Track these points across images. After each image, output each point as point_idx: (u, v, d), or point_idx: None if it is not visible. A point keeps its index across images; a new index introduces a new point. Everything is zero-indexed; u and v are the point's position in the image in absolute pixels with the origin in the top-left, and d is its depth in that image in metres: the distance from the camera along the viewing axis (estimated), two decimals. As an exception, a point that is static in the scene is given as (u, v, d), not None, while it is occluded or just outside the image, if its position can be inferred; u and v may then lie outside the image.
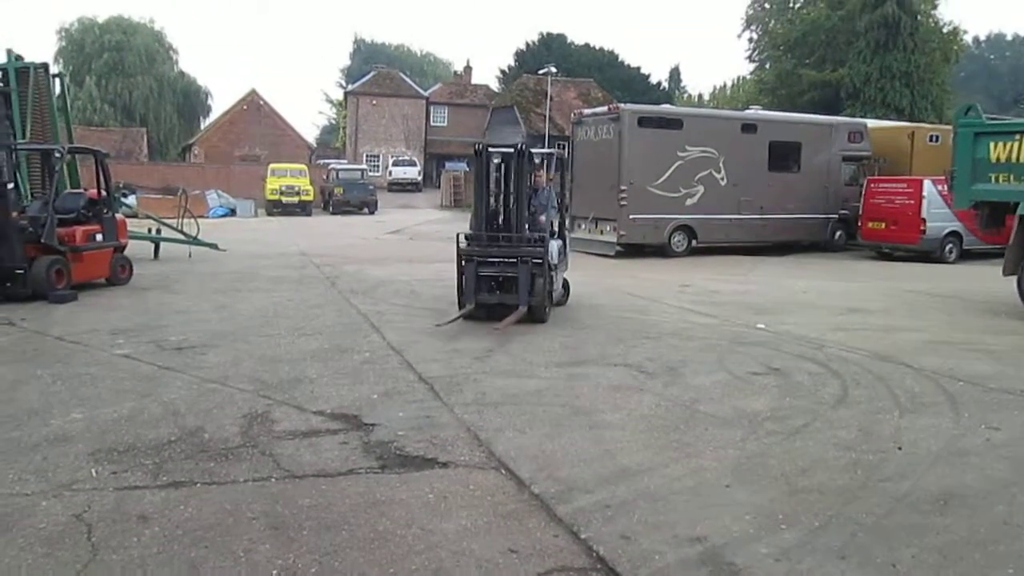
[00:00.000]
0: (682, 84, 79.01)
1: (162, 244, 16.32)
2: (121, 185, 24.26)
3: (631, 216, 17.99)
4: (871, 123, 23.38)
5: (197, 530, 3.89)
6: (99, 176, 12.51)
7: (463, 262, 9.53)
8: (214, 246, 16.89)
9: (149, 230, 16.43)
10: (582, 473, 4.72)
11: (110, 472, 4.62)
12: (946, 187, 13.67)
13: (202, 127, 61.94)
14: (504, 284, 9.58)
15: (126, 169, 37.21)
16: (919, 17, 44.78)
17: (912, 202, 18.36)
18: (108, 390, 6.40)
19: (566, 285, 11.09)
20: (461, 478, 4.66)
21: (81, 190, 13.84)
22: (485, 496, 4.39)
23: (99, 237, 12.07)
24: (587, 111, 21.14)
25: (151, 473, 4.62)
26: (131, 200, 25.21)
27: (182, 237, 16.63)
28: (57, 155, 12.39)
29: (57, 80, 16.47)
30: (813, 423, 5.80)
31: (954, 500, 4.42)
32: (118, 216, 13.03)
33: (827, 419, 5.90)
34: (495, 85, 60.45)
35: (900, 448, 5.27)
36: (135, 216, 19.02)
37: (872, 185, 19.43)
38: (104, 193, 12.52)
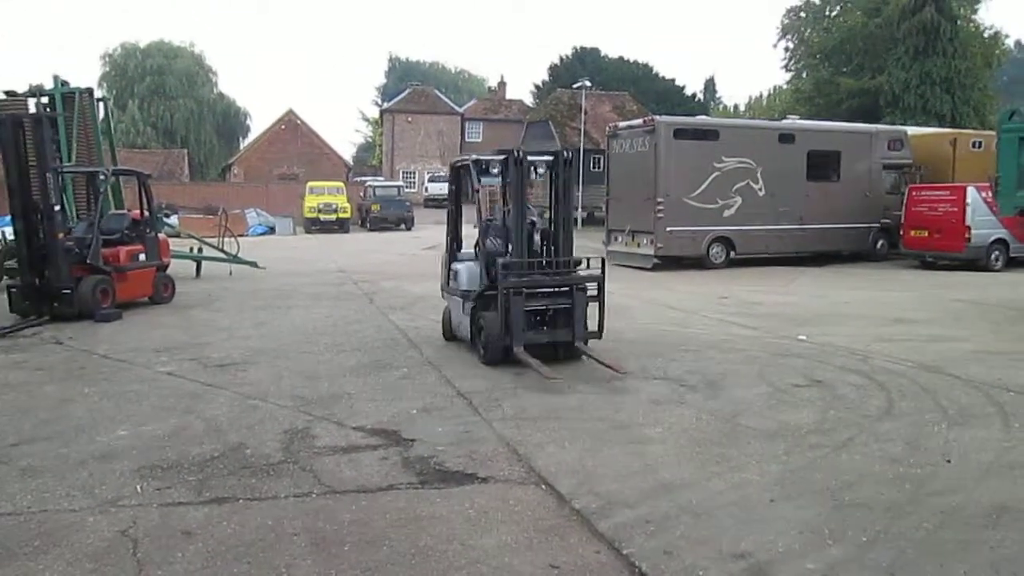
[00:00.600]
0: (717, 95, 78.56)
1: (203, 263, 16.57)
2: (163, 205, 24.66)
3: (668, 228, 17.89)
4: (912, 130, 23.03)
5: (240, 546, 3.91)
6: (142, 197, 12.76)
7: (508, 296, 7.78)
8: (254, 264, 17.11)
9: (191, 249, 16.71)
10: (623, 488, 4.68)
11: (155, 488, 4.67)
12: (991, 193, 13.42)
13: (241, 147, 62.94)
14: (555, 318, 8.13)
15: (168, 189, 37.89)
16: (959, 22, 44.06)
17: (956, 209, 18.03)
18: (152, 407, 6.50)
19: None
20: (501, 493, 4.64)
21: (125, 211, 14.14)
22: (525, 511, 4.37)
23: (142, 257, 12.30)
24: (622, 124, 21.10)
25: (195, 489, 4.66)
26: (173, 220, 25.62)
27: (222, 256, 16.87)
28: (102, 177, 12.68)
29: (101, 104, 16.83)
30: (858, 436, 5.69)
31: (1007, 514, 4.29)
32: (160, 236, 13.26)
33: (873, 432, 5.78)
34: (529, 100, 60.64)
35: (949, 461, 5.15)
36: (177, 236, 19.34)
37: (914, 193, 19.11)
38: (147, 214, 12.76)
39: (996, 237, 17.95)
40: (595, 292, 8.20)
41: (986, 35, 48.08)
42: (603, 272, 8.20)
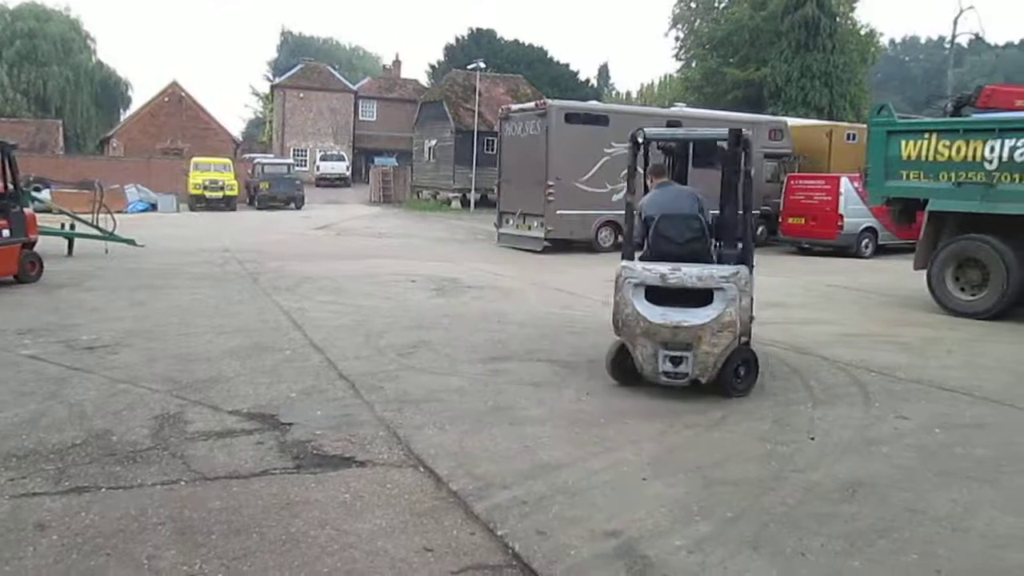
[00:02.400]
0: (610, 81, 79.85)
1: (76, 240, 15.73)
2: (32, 179, 23.32)
3: (558, 212, 18.07)
4: (792, 121, 23.97)
5: (98, 537, 3.74)
6: (5, 169, 11.98)
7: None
8: (132, 242, 16.37)
9: (63, 225, 15.83)
10: (501, 469, 4.70)
11: (7, 479, 4.40)
12: (861, 184, 14.10)
13: (121, 119, 59.89)
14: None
15: (40, 162, 35.76)
16: (838, 19, 46.13)
17: (830, 198, 18.89)
18: (10, 392, 6.12)
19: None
20: (378, 477, 4.59)
21: (-13, 184, 13.24)
22: (402, 494, 4.34)
23: (5, 233, 11.57)
24: (515, 107, 21.17)
25: (52, 479, 4.42)
26: (44, 194, 24.23)
27: (97, 233, 16.06)
28: (-42, 147, 11.83)
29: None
30: (731, 415, 5.89)
31: (863, 489, 4.53)
32: (27, 211, 12.50)
33: (744, 411, 6.00)
34: (424, 80, 60.02)
35: (813, 438, 5.39)
36: (49, 211, 18.28)
37: (792, 182, 19.91)
38: (11, 187, 12.00)
39: (866, 225, 18.89)
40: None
41: (863, 32, 50.51)
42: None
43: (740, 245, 6.58)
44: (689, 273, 6.20)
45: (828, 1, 44.44)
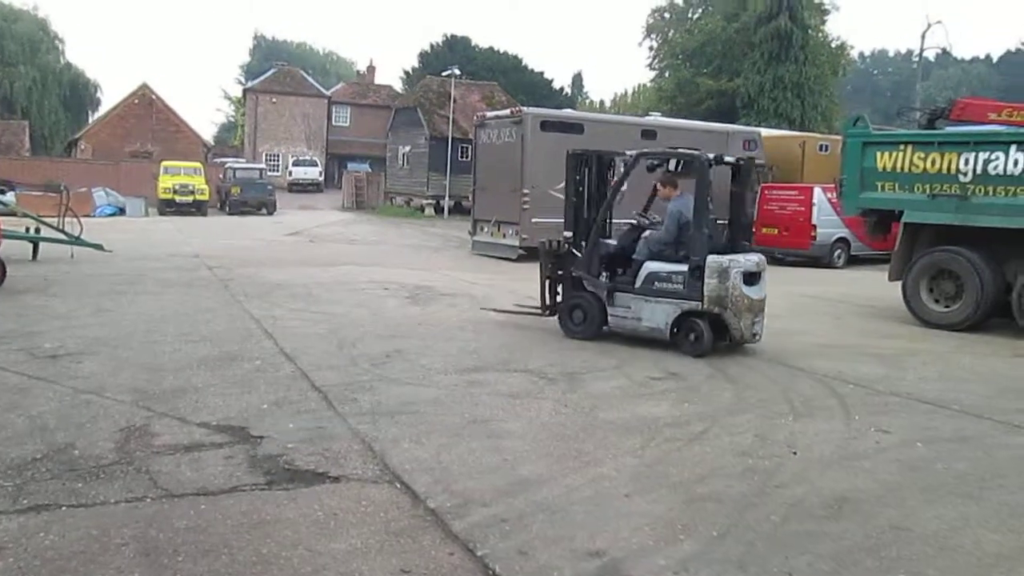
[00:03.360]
0: (584, 90, 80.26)
1: (41, 244, 15.36)
2: (-4, 181, 22.87)
3: (533, 220, 17.96)
4: (765, 132, 24.13)
5: (58, 560, 3.55)
6: (-32, 171, 11.67)
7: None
8: (99, 247, 15.99)
9: (27, 229, 15.45)
10: (479, 485, 4.57)
11: (-38, 496, 4.21)
12: (836, 194, 14.16)
13: (90, 121, 59.03)
14: None
15: (5, 164, 35.31)
16: (809, 31, 46.62)
17: (803, 209, 19.01)
18: (-32, 403, 5.89)
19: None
20: (353, 493, 4.44)
21: (-52, 186, 12.90)
22: (378, 512, 4.19)
23: (-33, 236, 11.26)
24: (490, 114, 21.08)
25: (10, 496, 4.22)
26: (9, 197, 23.72)
27: (63, 237, 15.70)
28: (-80, 148, 11.51)
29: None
30: (711, 429, 5.81)
31: (847, 505, 4.46)
32: (-10, 214, 12.18)
33: (724, 424, 5.92)
34: (399, 86, 59.88)
35: (795, 453, 5.32)
36: (13, 214, 17.87)
37: (766, 192, 20.00)
38: (-26, 189, 11.69)
39: (839, 236, 19.02)
40: None
41: (833, 45, 51.12)
42: None
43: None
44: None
45: (800, 14, 44.91)
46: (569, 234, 9.43)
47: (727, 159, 8.89)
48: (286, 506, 4.23)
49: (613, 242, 9.32)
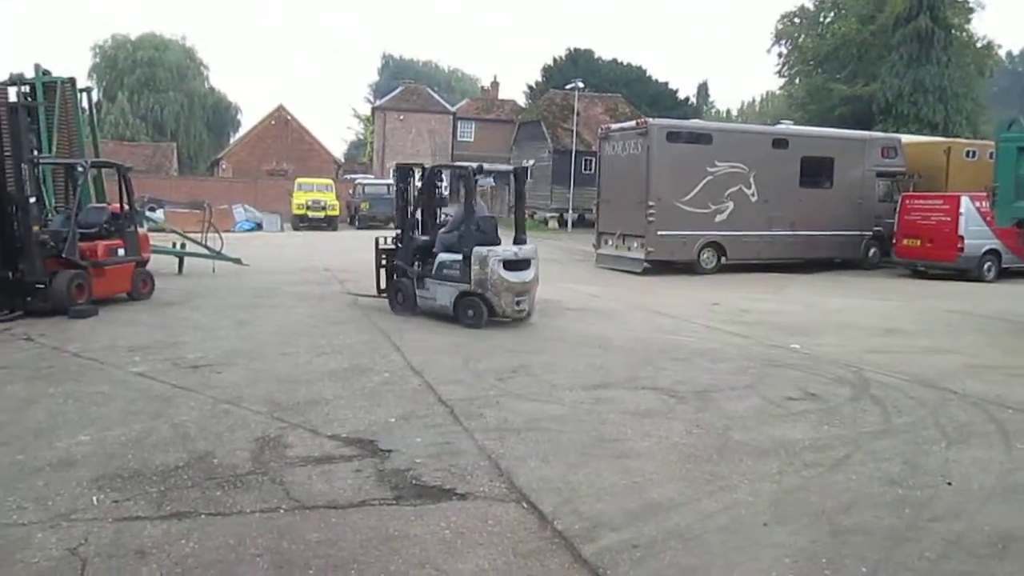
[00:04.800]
0: (710, 100, 78.62)
1: (186, 259, 16.24)
2: (146, 199, 24.35)
3: (659, 232, 17.69)
4: (905, 138, 22.89)
5: (197, 567, 3.65)
6: (122, 190, 12.44)
7: None
8: (238, 261, 16.79)
9: (174, 244, 16.36)
10: (608, 508, 4.43)
11: (112, 501, 4.40)
12: (987, 204, 13.25)
13: (231, 142, 62.36)
14: None
15: (156, 183, 37.47)
16: (953, 31, 44.08)
17: (949, 219, 17.89)
18: (119, 411, 6.21)
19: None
20: (480, 512, 4.38)
21: (104, 204, 13.77)
22: (505, 532, 4.12)
23: (121, 252, 11.97)
24: (614, 126, 20.89)
25: (155, 502, 4.39)
26: (159, 214, 25.25)
27: (206, 252, 16.54)
28: (79, 169, 12.35)
29: (84, 94, 16.45)
30: (855, 454, 5.46)
31: (1013, 544, 4.07)
32: (141, 230, 12.92)
33: (869, 450, 5.56)
34: (522, 100, 60.18)
35: (950, 483, 4.92)
36: (162, 231, 18.96)
37: (907, 201, 18.98)
38: (127, 207, 12.44)
39: (989, 247, 17.80)
40: None
41: (979, 45, 48.14)
42: None
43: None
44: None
45: (943, 13, 42.51)
46: (397, 232, 11.62)
47: (499, 167, 11.85)
48: (413, 522, 4.22)
49: (425, 238, 11.21)
